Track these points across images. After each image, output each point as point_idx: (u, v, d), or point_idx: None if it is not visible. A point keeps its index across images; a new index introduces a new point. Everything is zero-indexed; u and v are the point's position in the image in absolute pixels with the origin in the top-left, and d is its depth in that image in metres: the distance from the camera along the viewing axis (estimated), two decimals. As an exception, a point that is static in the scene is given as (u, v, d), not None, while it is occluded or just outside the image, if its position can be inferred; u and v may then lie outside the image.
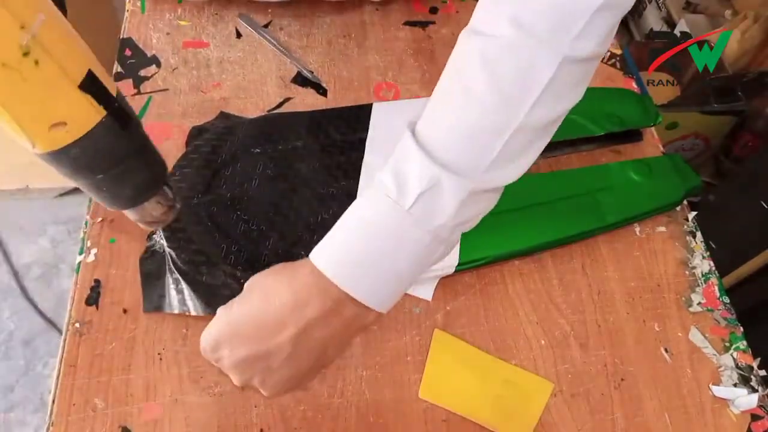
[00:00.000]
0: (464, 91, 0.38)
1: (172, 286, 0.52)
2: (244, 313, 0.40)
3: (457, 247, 0.54)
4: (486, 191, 0.39)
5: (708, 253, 0.61)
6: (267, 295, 0.40)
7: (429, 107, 0.40)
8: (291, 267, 0.41)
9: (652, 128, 0.69)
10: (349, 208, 0.40)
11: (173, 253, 0.53)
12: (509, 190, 0.42)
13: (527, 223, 0.57)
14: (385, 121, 0.63)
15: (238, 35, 0.73)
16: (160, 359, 0.50)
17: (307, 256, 0.54)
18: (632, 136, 0.68)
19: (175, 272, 0.53)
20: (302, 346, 0.40)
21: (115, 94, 0.36)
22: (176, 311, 0.51)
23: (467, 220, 0.40)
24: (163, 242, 0.54)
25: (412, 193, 0.37)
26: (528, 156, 0.40)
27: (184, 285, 0.52)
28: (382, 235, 0.38)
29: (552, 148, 0.65)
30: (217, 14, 0.75)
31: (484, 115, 0.38)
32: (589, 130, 0.64)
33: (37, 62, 0.31)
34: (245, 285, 0.43)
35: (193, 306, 0.51)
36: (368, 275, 0.38)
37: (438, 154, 0.38)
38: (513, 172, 0.40)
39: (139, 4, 0.74)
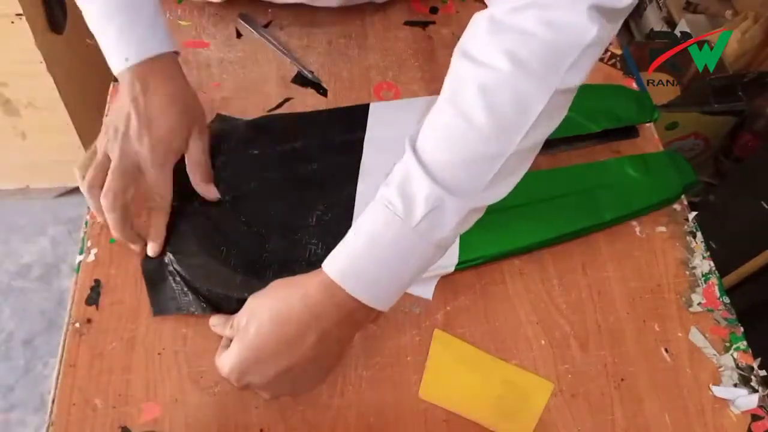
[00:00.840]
0: (463, 118, 0.42)
1: (176, 289, 0.52)
2: (264, 335, 0.43)
3: (457, 246, 0.54)
4: (481, 208, 0.44)
5: (708, 253, 0.60)
6: (281, 314, 0.43)
7: (428, 127, 0.44)
8: (299, 284, 0.44)
9: (652, 128, 0.69)
10: (358, 222, 0.43)
11: (173, 257, 0.53)
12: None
13: (526, 221, 0.57)
14: (382, 121, 0.63)
15: (238, 35, 0.73)
16: (160, 359, 0.50)
17: (307, 257, 0.55)
18: (629, 132, 0.68)
19: (177, 275, 0.53)
20: (323, 349, 0.44)
21: None
22: (183, 312, 0.52)
23: (464, 229, 0.45)
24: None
25: (419, 214, 0.41)
26: (518, 174, 0.45)
27: (186, 287, 0.52)
28: (391, 249, 0.42)
29: (549, 145, 0.64)
30: (217, 14, 0.75)
31: (483, 143, 0.42)
32: (587, 128, 0.64)
33: None
34: (248, 305, 0.46)
35: (196, 307, 0.51)
36: (378, 284, 0.42)
37: (440, 177, 0.41)
38: (505, 189, 0.45)
39: (139, 4, 0.74)
